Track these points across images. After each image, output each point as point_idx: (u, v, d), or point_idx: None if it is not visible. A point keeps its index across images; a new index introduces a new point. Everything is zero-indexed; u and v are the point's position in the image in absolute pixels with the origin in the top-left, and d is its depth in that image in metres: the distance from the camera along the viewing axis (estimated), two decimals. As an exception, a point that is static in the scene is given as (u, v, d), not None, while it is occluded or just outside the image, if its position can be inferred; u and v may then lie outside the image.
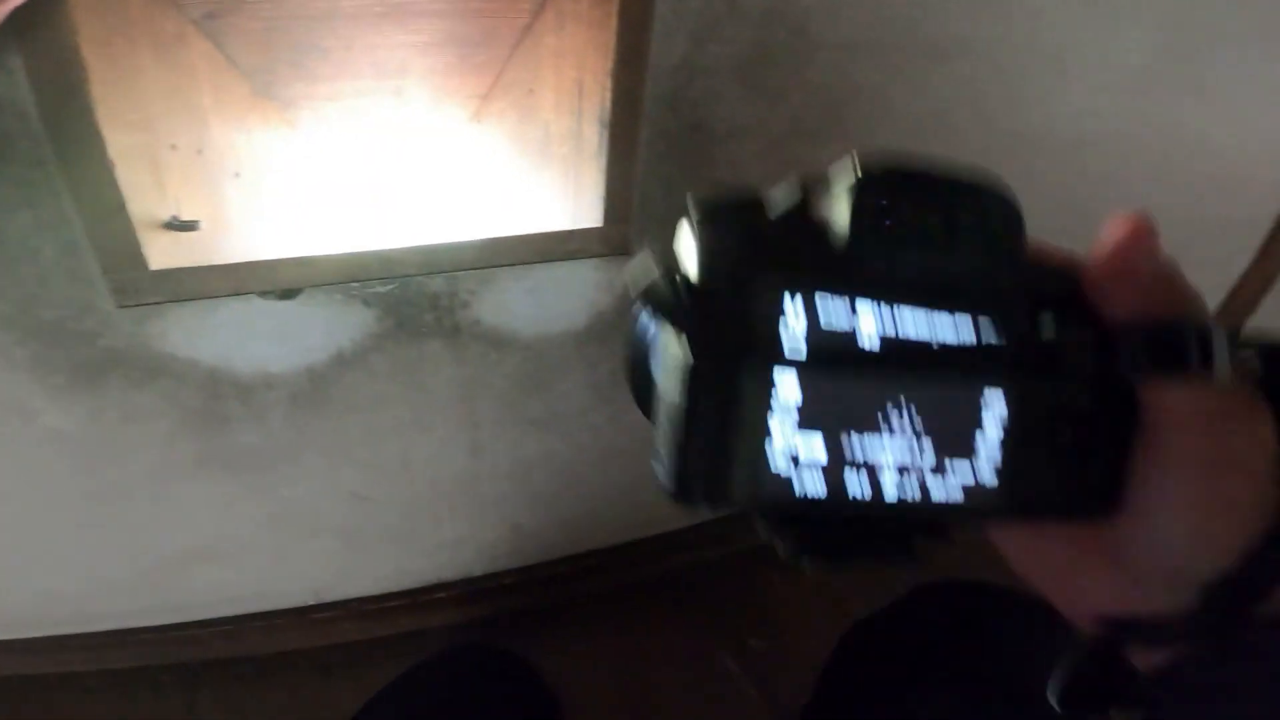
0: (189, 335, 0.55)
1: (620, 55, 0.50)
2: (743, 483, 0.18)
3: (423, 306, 0.60)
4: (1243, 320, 0.99)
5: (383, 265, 0.54)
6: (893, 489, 0.19)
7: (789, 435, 0.18)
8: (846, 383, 0.19)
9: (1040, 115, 0.69)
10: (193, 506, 0.66)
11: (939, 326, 0.19)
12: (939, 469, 0.19)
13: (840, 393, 0.19)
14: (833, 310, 0.18)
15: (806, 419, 0.18)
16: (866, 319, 0.19)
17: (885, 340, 0.19)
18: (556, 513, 0.81)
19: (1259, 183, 0.88)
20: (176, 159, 0.50)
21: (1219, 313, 0.98)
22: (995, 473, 0.20)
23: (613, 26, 0.49)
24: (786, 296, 0.18)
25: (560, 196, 0.61)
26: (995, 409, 0.20)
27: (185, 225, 0.51)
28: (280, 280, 0.52)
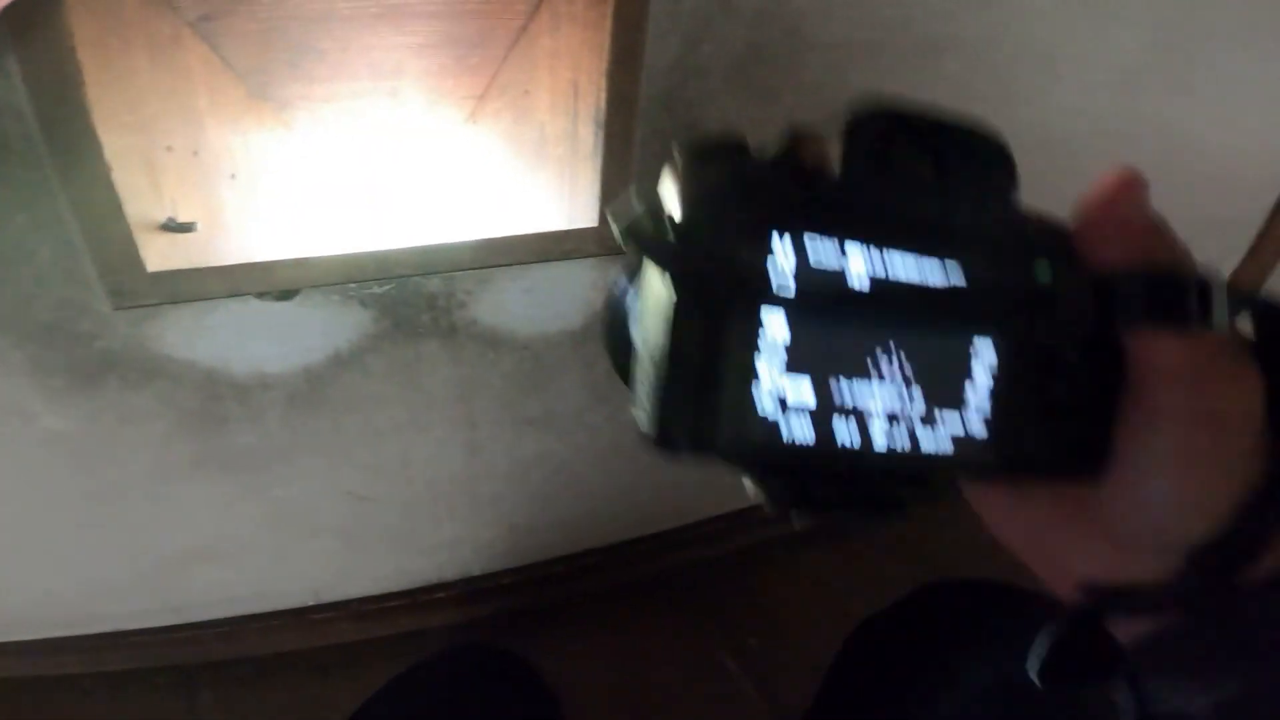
0: (186, 336, 0.55)
1: (615, 56, 0.50)
2: (728, 428, 0.17)
3: (420, 307, 0.60)
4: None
5: (379, 266, 0.54)
6: (882, 437, 0.19)
7: (776, 378, 0.18)
8: (835, 323, 0.18)
9: (1031, 114, 0.69)
10: (191, 507, 0.66)
11: (930, 270, 0.18)
12: (928, 419, 0.19)
13: (829, 334, 0.18)
14: (822, 251, 0.18)
15: (794, 362, 0.18)
16: (856, 260, 0.18)
17: (875, 282, 0.18)
18: (554, 512, 0.81)
19: (1249, 181, 0.88)
20: (172, 161, 0.50)
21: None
22: (985, 424, 0.19)
23: (607, 28, 0.49)
24: (774, 235, 0.17)
25: (556, 197, 0.61)
26: (985, 357, 0.19)
27: (182, 227, 0.51)
28: (277, 281, 0.53)
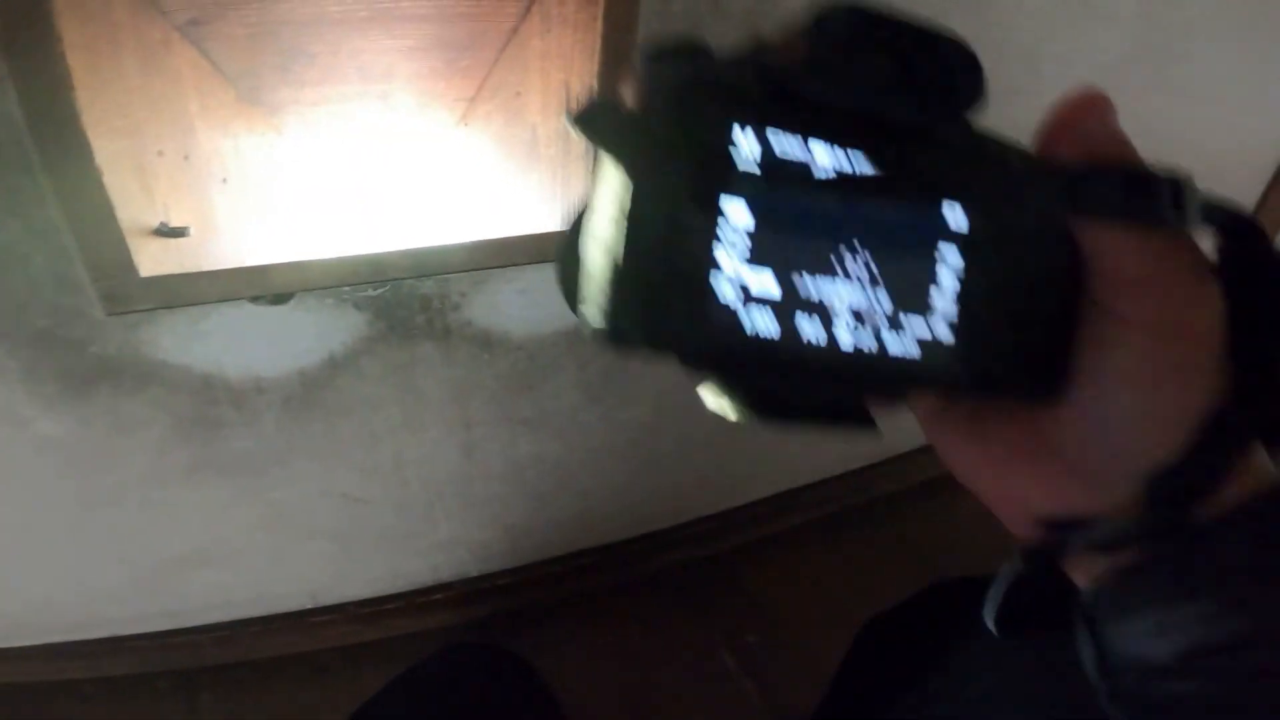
0: (180, 341, 0.55)
1: (606, 57, 0.50)
2: (686, 318, 0.17)
3: (414, 309, 0.60)
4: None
5: (373, 269, 0.54)
6: (848, 336, 0.18)
7: (738, 267, 0.17)
8: (800, 215, 0.17)
9: (1014, 111, 0.69)
10: (187, 512, 0.66)
11: (894, 169, 0.18)
12: (895, 323, 0.18)
13: (793, 226, 0.17)
14: (785, 145, 0.17)
15: (757, 253, 0.17)
16: (821, 155, 0.17)
17: (840, 175, 0.18)
18: (550, 512, 0.81)
19: (1231, 178, 0.89)
20: (164, 165, 0.50)
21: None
22: (951, 329, 0.19)
23: (598, 29, 0.49)
24: (736, 127, 0.17)
25: (549, 198, 0.61)
26: (951, 261, 0.19)
27: (174, 231, 0.51)
28: (271, 285, 0.53)
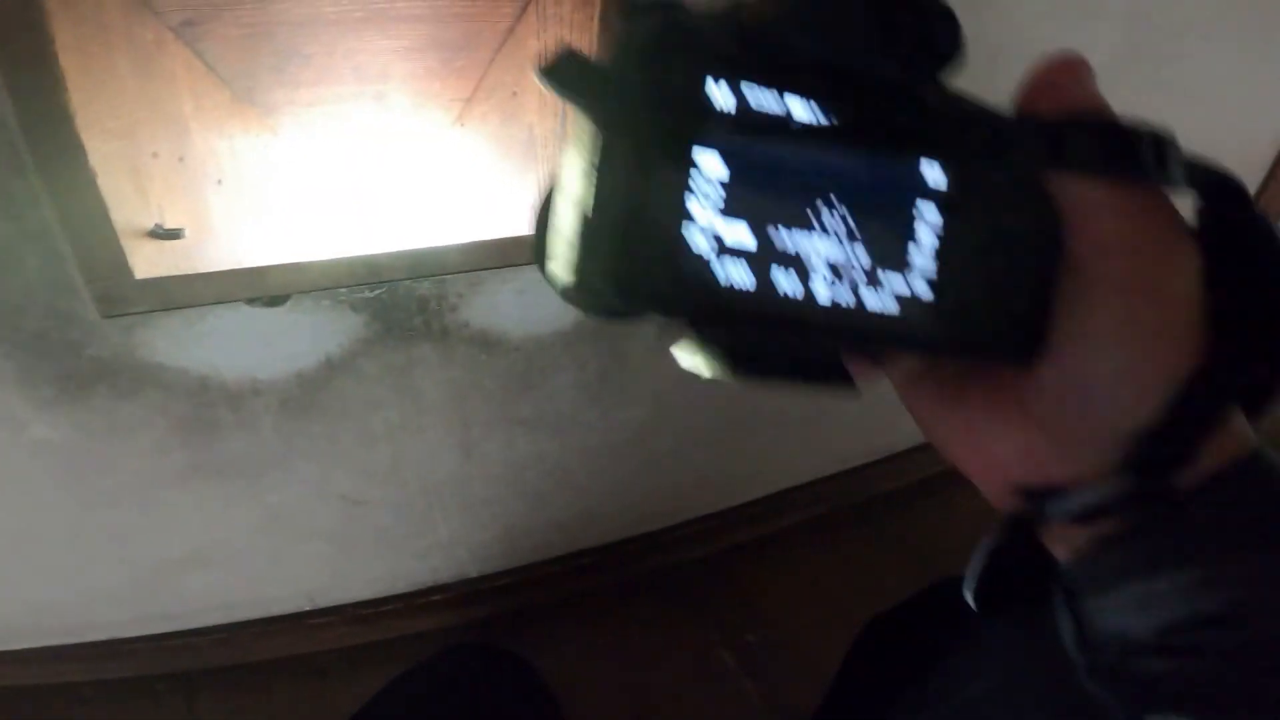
0: (176, 344, 0.55)
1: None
2: (658, 269, 0.16)
3: (411, 310, 0.60)
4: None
5: (370, 270, 0.54)
6: (825, 290, 0.18)
7: (712, 218, 0.17)
8: (774, 168, 0.17)
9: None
10: (184, 514, 0.66)
11: (871, 124, 0.18)
12: (873, 280, 0.18)
13: (767, 179, 0.17)
14: (761, 98, 0.17)
15: (731, 205, 0.17)
16: (796, 109, 0.17)
17: (816, 129, 0.17)
18: (549, 512, 0.81)
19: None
20: (158, 167, 0.50)
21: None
22: (930, 286, 0.18)
23: (594, 28, 0.49)
24: (710, 80, 0.17)
25: (546, 198, 0.61)
26: (929, 217, 0.18)
27: (169, 233, 0.51)
28: (267, 287, 0.52)
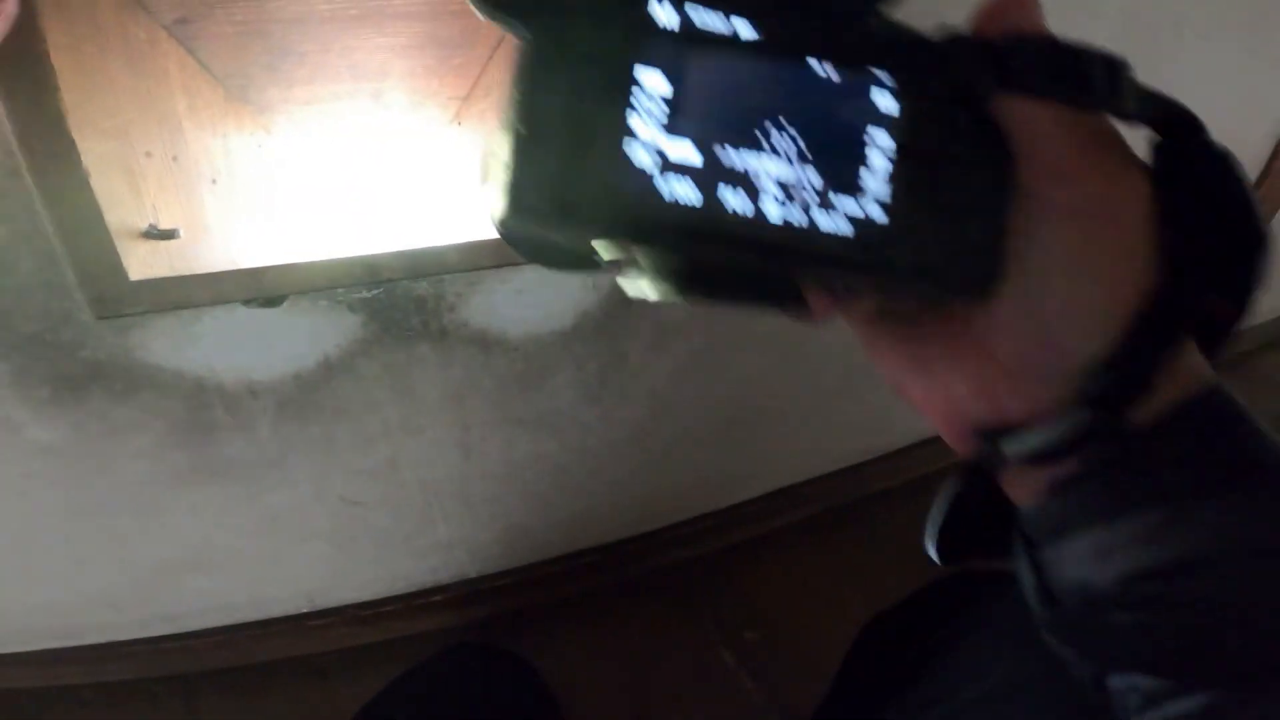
0: (172, 345, 0.54)
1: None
2: (597, 185, 0.16)
3: (409, 310, 0.59)
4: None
5: (367, 270, 0.53)
6: (776, 209, 0.17)
7: (654, 135, 0.16)
8: (720, 86, 0.16)
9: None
10: (182, 516, 0.66)
11: (820, 47, 0.17)
12: (825, 202, 0.17)
13: (713, 97, 0.16)
14: (706, 18, 0.16)
15: (675, 123, 0.16)
16: (742, 31, 0.16)
17: (761, 46, 0.16)
18: (549, 512, 0.81)
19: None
20: (152, 166, 0.50)
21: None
22: (883, 209, 0.18)
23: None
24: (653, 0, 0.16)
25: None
26: (880, 140, 0.18)
27: (164, 234, 0.50)
28: (263, 288, 0.52)
